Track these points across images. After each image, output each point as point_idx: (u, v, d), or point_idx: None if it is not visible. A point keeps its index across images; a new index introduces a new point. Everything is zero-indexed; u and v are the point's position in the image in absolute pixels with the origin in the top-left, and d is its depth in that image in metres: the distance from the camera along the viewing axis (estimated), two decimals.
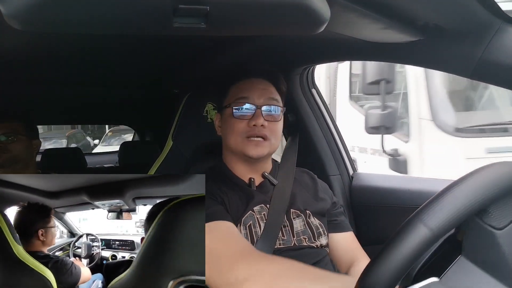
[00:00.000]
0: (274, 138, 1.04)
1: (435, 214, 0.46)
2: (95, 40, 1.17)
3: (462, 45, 0.83)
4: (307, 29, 0.66)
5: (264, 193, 1.06)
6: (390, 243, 0.46)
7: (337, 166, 1.55)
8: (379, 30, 0.85)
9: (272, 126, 1.03)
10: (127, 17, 0.56)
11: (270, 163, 1.14)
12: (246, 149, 1.01)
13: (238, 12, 0.59)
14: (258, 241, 0.95)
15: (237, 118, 1.02)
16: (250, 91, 1.04)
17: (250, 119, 1.01)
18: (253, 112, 1.02)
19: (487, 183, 0.48)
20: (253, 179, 1.07)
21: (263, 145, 1.02)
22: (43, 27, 0.54)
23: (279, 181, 1.10)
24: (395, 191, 1.42)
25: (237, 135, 1.02)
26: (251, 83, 1.05)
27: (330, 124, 1.56)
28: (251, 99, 1.02)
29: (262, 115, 1.01)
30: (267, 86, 1.07)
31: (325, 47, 1.17)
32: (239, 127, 1.02)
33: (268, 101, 1.04)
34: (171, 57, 1.51)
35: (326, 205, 1.13)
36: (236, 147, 1.03)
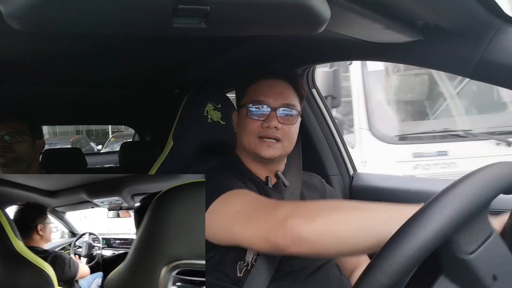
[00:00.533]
0: (288, 141, 1.05)
1: (393, 259, 0.45)
2: (95, 40, 1.17)
3: (462, 45, 0.83)
4: (307, 29, 0.66)
5: (279, 193, 1.06)
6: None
7: (337, 166, 1.55)
8: (379, 30, 0.84)
9: (286, 129, 1.03)
10: (127, 17, 0.56)
11: (284, 164, 1.14)
12: (258, 149, 1.02)
13: (238, 12, 0.59)
14: None
15: (251, 118, 1.03)
16: (267, 92, 1.04)
17: (264, 120, 1.02)
18: (267, 114, 1.02)
19: (445, 217, 0.46)
20: (270, 177, 1.07)
21: (275, 146, 1.02)
22: (43, 27, 0.54)
23: (289, 182, 1.10)
24: (395, 191, 1.41)
25: (251, 135, 1.03)
26: (269, 84, 1.05)
27: (330, 124, 1.56)
28: (267, 100, 1.03)
29: (276, 117, 1.02)
30: (285, 88, 1.06)
31: (325, 47, 1.17)
32: (253, 127, 1.02)
33: (284, 104, 1.04)
34: (171, 57, 1.51)
35: None
36: (249, 146, 1.04)
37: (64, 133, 16.36)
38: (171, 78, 1.84)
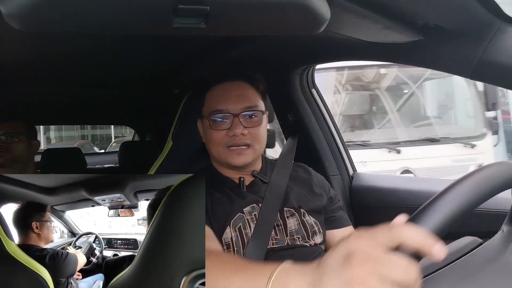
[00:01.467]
0: (258, 144, 1.01)
1: None
2: (95, 40, 1.16)
3: (462, 45, 0.83)
4: (307, 29, 0.66)
5: (256, 192, 1.04)
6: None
7: (337, 166, 1.55)
8: (379, 30, 0.84)
9: (253, 132, 0.99)
10: (127, 17, 0.56)
11: (260, 162, 1.10)
12: (229, 159, 0.99)
13: (238, 12, 0.59)
14: (250, 242, 0.94)
15: (215, 130, 0.99)
16: (225, 99, 0.99)
17: (229, 129, 0.97)
18: (230, 122, 0.98)
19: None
20: (243, 178, 1.04)
21: (246, 153, 0.99)
22: (43, 27, 0.54)
23: (272, 178, 1.07)
24: (395, 191, 1.41)
25: (218, 146, 1.00)
26: (225, 89, 1.01)
27: (330, 124, 1.56)
28: (226, 108, 0.98)
29: (241, 123, 0.97)
30: (243, 90, 1.02)
31: (325, 47, 1.17)
32: (218, 137, 0.99)
33: (245, 108, 0.99)
34: (171, 57, 1.51)
35: (322, 201, 1.10)
36: (219, 157, 1.01)
37: (70, 137, 16.54)
38: (171, 78, 1.84)
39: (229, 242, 0.94)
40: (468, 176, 0.51)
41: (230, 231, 0.95)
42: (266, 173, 1.09)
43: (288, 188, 1.07)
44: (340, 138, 1.59)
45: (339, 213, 1.13)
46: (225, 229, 0.95)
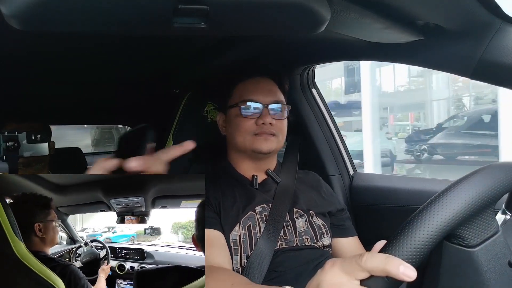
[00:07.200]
0: (281, 135, 1.08)
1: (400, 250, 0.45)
2: (95, 40, 1.16)
3: (462, 45, 0.83)
4: (307, 29, 0.66)
5: (266, 191, 1.06)
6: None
7: (337, 166, 1.54)
8: (379, 30, 0.84)
9: (278, 124, 1.06)
10: (127, 17, 0.56)
11: (275, 162, 1.15)
12: (256, 144, 1.04)
13: (238, 12, 0.59)
14: (259, 241, 0.95)
15: (245, 117, 1.05)
16: (256, 91, 1.06)
17: (258, 118, 1.04)
18: (260, 111, 1.04)
19: (450, 212, 0.46)
20: (256, 176, 1.07)
21: (272, 140, 1.05)
22: (43, 27, 0.54)
23: (282, 179, 1.10)
24: (395, 191, 1.41)
25: (246, 133, 1.05)
26: (256, 83, 1.08)
27: (330, 124, 1.56)
28: (257, 98, 1.05)
29: (269, 113, 1.04)
30: (271, 85, 1.09)
31: (325, 47, 1.17)
32: (247, 125, 1.04)
33: (274, 100, 1.06)
34: (171, 57, 1.51)
35: (330, 206, 1.13)
36: (245, 144, 1.05)
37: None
38: (171, 78, 1.84)
39: (236, 240, 0.96)
40: (452, 188, 0.48)
41: (239, 228, 0.97)
42: (279, 174, 1.13)
43: (297, 190, 1.10)
44: (340, 138, 1.59)
45: (348, 223, 1.17)
46: (234, 227, 0.96)
